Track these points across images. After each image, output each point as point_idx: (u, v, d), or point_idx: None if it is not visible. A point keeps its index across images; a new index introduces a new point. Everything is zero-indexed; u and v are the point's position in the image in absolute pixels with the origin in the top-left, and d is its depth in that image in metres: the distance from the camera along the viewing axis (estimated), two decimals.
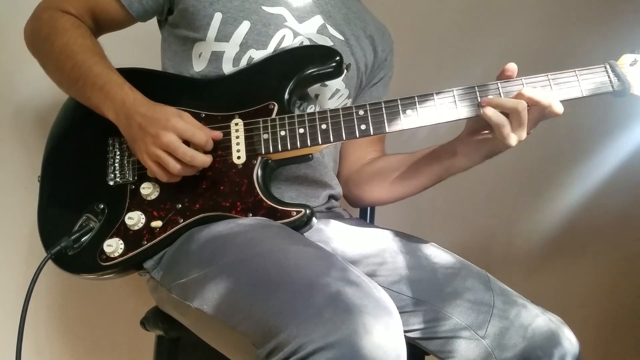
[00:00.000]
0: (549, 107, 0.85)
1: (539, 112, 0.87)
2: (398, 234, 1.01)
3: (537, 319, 0.87)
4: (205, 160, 0.89)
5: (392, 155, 1.13)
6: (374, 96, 1.16)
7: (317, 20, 1.05)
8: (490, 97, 0.88)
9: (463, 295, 0.88)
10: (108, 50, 1.00)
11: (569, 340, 0.87)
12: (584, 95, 0.88)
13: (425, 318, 0.88)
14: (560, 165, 1.73)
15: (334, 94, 1.07)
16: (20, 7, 1.08)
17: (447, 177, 1.00)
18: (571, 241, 1.77)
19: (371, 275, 0.90)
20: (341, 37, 1.07)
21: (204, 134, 0.89)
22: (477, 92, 0.89)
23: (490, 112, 0.86)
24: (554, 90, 0.88)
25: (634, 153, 1.65)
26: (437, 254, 0.95)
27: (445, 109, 0.90)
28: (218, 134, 0.92)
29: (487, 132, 0.92)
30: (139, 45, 1.23)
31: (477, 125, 0.92)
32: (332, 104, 1.08)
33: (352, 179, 1.15)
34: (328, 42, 1.05)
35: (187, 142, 0.88)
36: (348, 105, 1.10)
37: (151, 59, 1.10)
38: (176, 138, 0.86)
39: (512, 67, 0.89)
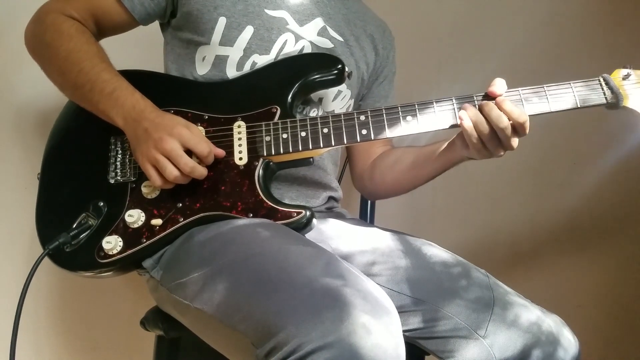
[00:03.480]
0: (523, 124, 0.87)
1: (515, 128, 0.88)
2: (398, 233, 1.01)
3: (537, 319, 0.87)
4: (203, 172, 0.89)
5: (401, 149, 1.14)
6: (382, 94, 1.18)
7: (318, 23, 1.05)
8: (463, 118, 0.88)
9: (463, 295, 0.88)
10: (110, 52, 1.00)
11: (569, 340, 0.87)
12: (579, 106, 0.91)
13: (425, 317, 0.88)
14: (561, 166, 1.73)
15: (337, 95, 1.08)
16: (21, 8, 1.08)
17: (450, 167, 1.01)
18: (571, 241, 1.77)
19: (370, 274, 0.89)
20: (341, 39, 1.08)
21: (207, 146, 0.89)
22: (476, 102, 0.91)
23: (467, 125, 0.88)
24: (550, 101, 0.90)
25: (633, 153, 1.65)
26: (437, 254, 0.95)
27: (444, 117, 0.92)
28: (221, 152, 0.92)
29: None
30: (140, 47, 1.23)
31: None
32: (335, 105, 1.09)
33: (366, 175, 1.17)
34: (328, 44, 1.06)
35: (188, 152, 0.88)
36: (352, 105, 1.12)
37: (153, 61, 1.10)
38: (179, 146, 0.87)
39: (498, 90, 0.89)
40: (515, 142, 0.89)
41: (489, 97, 0.90)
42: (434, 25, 1.66)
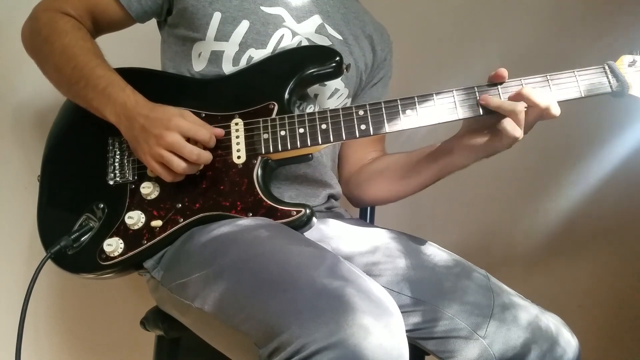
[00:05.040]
0: (546, 109, 0.85)
1: (536, 114, 0.86)
2: (398, 233, 1.01)
3: (537, 319, 0.87)
4: (209, 157, 0.89)
5: (391, 155, 1.14)
6: (374, 96, 1.16)
7: (316, 20, 1.05)
8: (489, 96, 0.88)
9: (463, 295, 0.88)
10: (107, 50, 1.00)
11: (569, 341, 0.87)
12: (583, 95, 0.88)
13: (425, 318, 0.88)
14: (560, 165, 1.73)
15: (334, 93, 1.07)
16: (19, 6, 1.08)
17: (445, 176, 1.00)
18: (571, 241, 1.77)
19: (371, 274, 0.89)
20: (340, 37, 1.07)
21: (207, 131, 0.89)
22: (477, 93, 0.89)
23: (499, 102, 0.86)
24: (553, 90, 0.88)
25: (633, 153, 1.65)
26: (437, 254, 0.95)
27: (445, 110, 0.90)
28: (220, 131, 0.92)
29: (486, 132, 0.91)
30: (138, 45, 1.23)
31: (476, 125, 0.92)
32: (331, 104, 1.08)
33: (353, 180, 1.16)
34: (326, 42, 1.05)
35: (189, 141, 0.88)
36: (348, 104, 1.11)
37: (151, 60, 1.10)
38: (180, 137, 0.86)
39: (502, 72, 0.89)
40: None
41: (492, 85, 0.89)
42: (434, 25, 1.66)
